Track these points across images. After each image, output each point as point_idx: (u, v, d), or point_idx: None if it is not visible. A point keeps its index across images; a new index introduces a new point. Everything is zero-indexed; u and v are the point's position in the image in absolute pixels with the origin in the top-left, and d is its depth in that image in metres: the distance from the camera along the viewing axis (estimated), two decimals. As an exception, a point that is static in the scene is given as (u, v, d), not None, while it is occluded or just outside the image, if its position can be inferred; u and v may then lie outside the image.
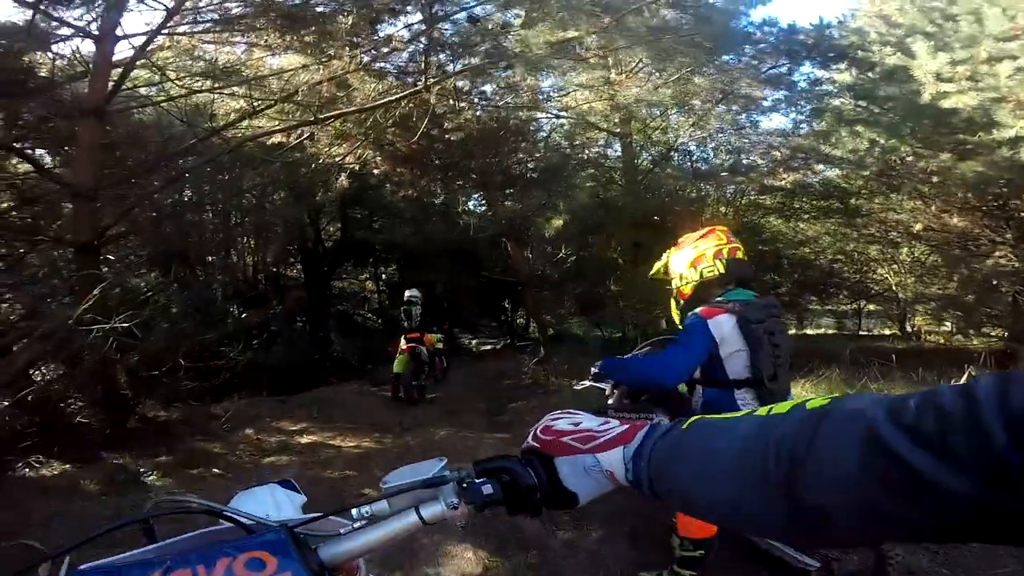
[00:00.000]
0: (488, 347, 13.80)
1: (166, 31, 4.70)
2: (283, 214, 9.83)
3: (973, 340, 9.60)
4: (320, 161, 7.57)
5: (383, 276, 14.77)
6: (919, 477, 0.33)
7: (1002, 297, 7.42)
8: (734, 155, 9.45)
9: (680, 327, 2.12)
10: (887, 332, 13.36)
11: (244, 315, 9.44)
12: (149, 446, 4.88)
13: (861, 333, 13.96)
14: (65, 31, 4.34)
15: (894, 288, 10.62)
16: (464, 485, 0.59)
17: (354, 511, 0.60)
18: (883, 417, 0.37)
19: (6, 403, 4.13)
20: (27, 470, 3.88)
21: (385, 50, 5.58)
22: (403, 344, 7.21)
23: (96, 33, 4.40)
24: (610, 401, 2.42)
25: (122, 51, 4.80)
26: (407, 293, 8.01)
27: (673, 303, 2.28)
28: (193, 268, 8.46)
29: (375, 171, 8.46)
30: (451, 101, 7.42)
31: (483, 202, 11.30)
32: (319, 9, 5.32)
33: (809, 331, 16.94)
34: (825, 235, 10.67)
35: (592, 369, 2.23)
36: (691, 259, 2.15)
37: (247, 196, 8.74)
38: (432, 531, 2.96)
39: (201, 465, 4.56)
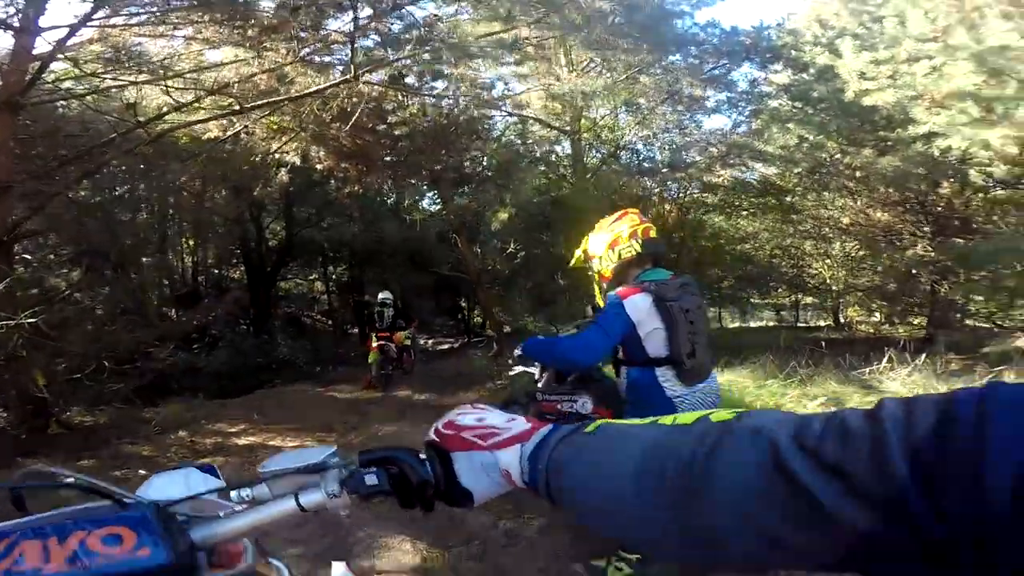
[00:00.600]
0: (446, 346, 13.67)
1: (94, 23, 4.43)
2: (222, 212, 9.43)
3: (899, 328, 10.26)
4: (257, 155, 7.31)
5: (332, 276, 14.42)
6: (818, 504, 0.32)
7: (922, 286, 7.93)
8: (676, 152, 9.75)
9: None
10: (822, 323, 14.09)
11: (182, 317, 9.04)
12: (72, 450, 4.65)
13: (799, 325, 14.66)
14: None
15: (827, 281, 11.21)
16: (348, 474, 0.57)
17: (233, 493, 0.60)
18: (786, 437, 0.35)
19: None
20: (-68, 475, 3.60)
21: (322, 44, 5.44)
22: (375, 342, 7.86)
23: (16, 25, 4.14)
24: (540, 384, 2.46)
25: (46, 45, 4.55)
26: (380, 295, 8.69)
27: (596, 288, 2.30)
28: (125, 268, 8.00)
29: (318, 166, 8.24)
30: (398, 96, 7.31)
31: (436, 200, 11.22)
32: (263, 4, 5.18)
33: (752, 324, 17.69)
34: (764, 231, 11.16)
35: (516, 351, 2.23)
36: (608, 241, 2.15)
37: (183, 193, 8.34)
38: (368, 523, 2.87)
39: (127, 467, 4.32)
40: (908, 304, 8.79)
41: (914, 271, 7.58)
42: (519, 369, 2.50)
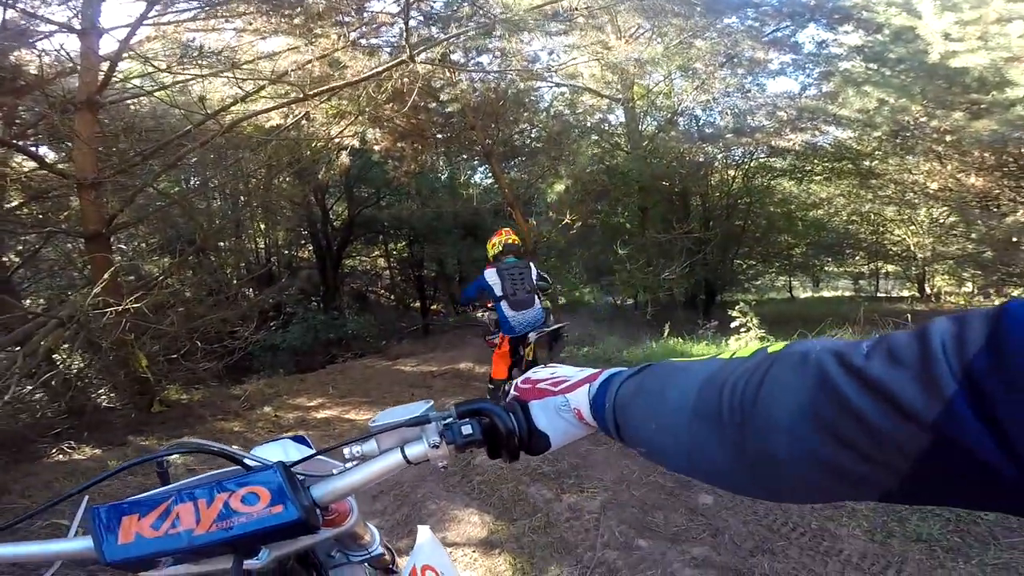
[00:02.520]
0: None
1: (149, 22, 4.68)
2: (289, 196, 9.90)
3: (994, 300, 9.36)
4: (319, 140, 7.56)
5: (394, 253, 14.86)
6: (866, 425, 0.31)
7: (1022, 254, 7.17)
8: (739, 118, 9.16)
9: None
10: (906, 294, 13.07)
11: (259, 297, 9.66)
12: (173, 428, 5.10)
13: (879, 295, 13.68)
14: (48, 27, 4.35)
15: (912, 248, 10.32)
16: (446, 426, 0.60)
17: (345, 451, 0.63)
18: (832, 359, 0.34)
19: (28, 388, 4.33)
20: (59, 455, 4.10)
21: (373, 26, 5.47)
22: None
23: (79, 28, 4.41)
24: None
25: (111, 45, 4.84)
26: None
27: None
28: (206, 253, 8.64)
29: (376, 148, 8.42)
30: (447, 73, 7.29)
31: (489, 174, 11.21)
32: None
33: (826, 293, 16.66)
34: (839, 196, 10.37)
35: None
36: (489, 243, 4.36)
37: (252, 180, 8.81)
38: (439, 496, 3.05)
39: (222, 443, 4.76)
40: (1006, 274, 7.97)
41: (1015, 238, 6.85)
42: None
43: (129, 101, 5.74)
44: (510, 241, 4.15)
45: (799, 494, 0.38)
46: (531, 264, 4.20)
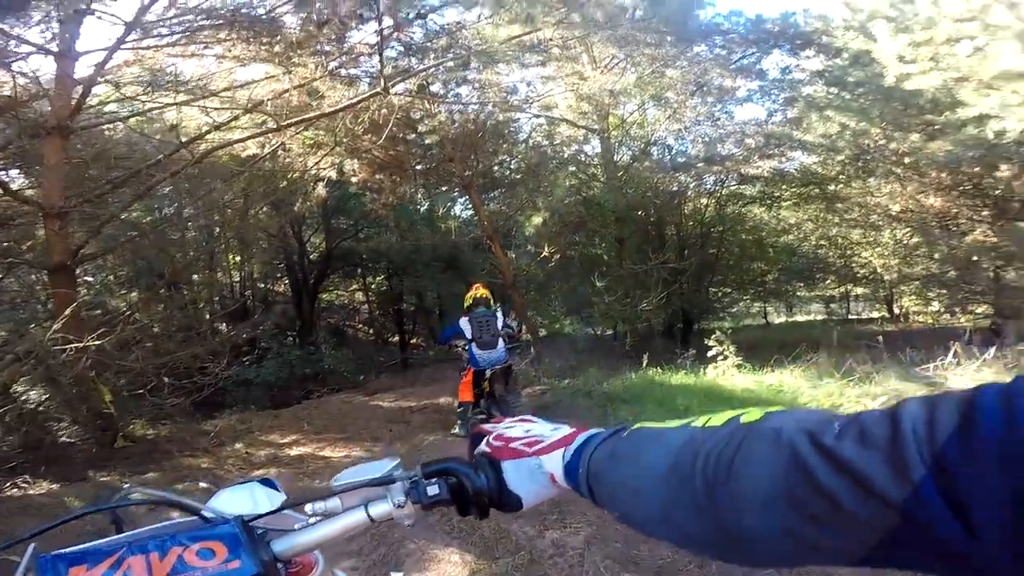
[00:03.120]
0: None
1: (127, 46, 4.67)
2: (265, 227, 9.79)
3: (961, 318, 9.67)
4: (296, 171, 7.55)
5: (372, 286, 14.73)
6: (837, 504, 0.32)
7: (984, 273, 7.46)
8: (710, 145, 9.52)
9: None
10: (875, 315, 13.44)
11: (232, 332, 9.41)
12: (136, 464, 4.86)
13: (850, 317, 14.04)
14: (25, 48, 4.30)
15: (879, 270, 10.68)
16: (412, 485, 0.60)
17: (308, 507, 0.63)
18: (804, 439, 0.35)
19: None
20: (14, 490, 3.89)
21: (347, 58, 5.57)
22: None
23: (55, 50, 4.37)
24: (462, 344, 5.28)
25: (87, 69, 4.79)
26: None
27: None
28: (178, 286, 8.42)
29: (353, 179, 8.44)
30: (425, 104, 7.42)
31: (468, 206, 11.32)
32: (286, 19, 5.33)
33: (799, 318, 17.04)
34: (808, 221, 10.75)
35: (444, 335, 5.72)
36: (465, 296, 5.38)
37: (227, 211, 8.70)
38: (418, 535, 2.93)
39: (189, 480, 4.52)
40: (970, 292, 8.27)
41: (975, 257, 7.14)
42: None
43: (103, 127, 5.66)
44: (480, 295, 5.25)
45: (769, 561, 0.40)
46: (498, 313, 5.23)
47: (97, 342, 4.23)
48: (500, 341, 5.02)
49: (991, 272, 7.28)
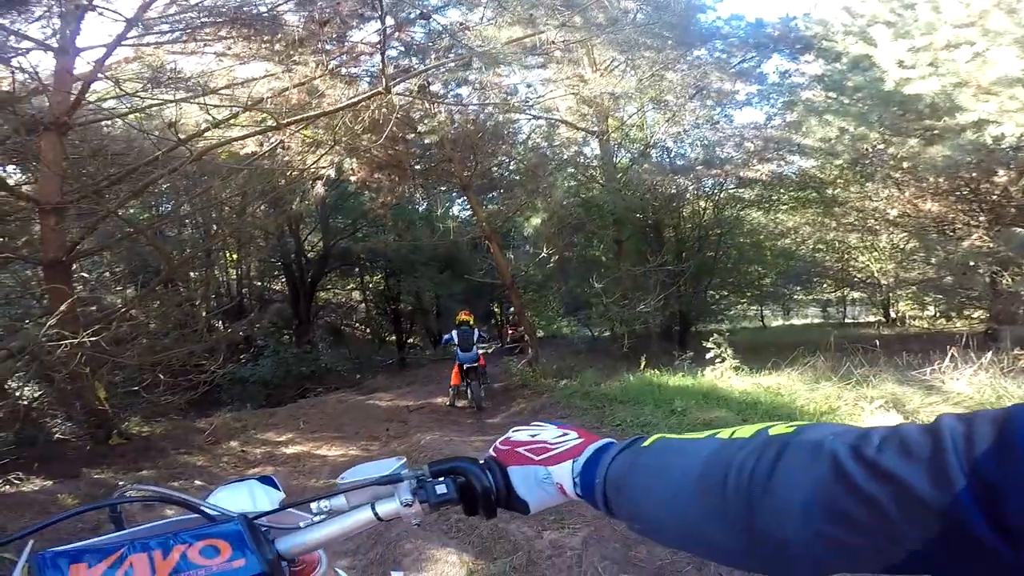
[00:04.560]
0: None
1: (128, 43, 4.64)
2: (262, 226, 9.75)
3: (956, 323, 9.71)
4: (294, 169, 7.53)
5: (369, 286, 14.70)
6: (881, 511, 0.33)
7: (980, 279, 7.48)
8: (709, 149, 9.54)
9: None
10: (872, 319, 13.47)
11: (229, 330, 9.38)
12: (131, 461, 4.85)
13: (847, 321, 14.07)
14: (25, 44, 4.27)
15: (876, 275, 10.71)
16: (419, 484, 0.60)
17: (313, 505, 0.62)
18: (845, 450, 0.36)
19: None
20: (7, 487, 3.86)
21: (348, 56, 5.55)
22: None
23: (56, 46, 4.34)
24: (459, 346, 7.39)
25: (87, 65, 4.75)
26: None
27: None
28: (174, 284, 8.38)
29: (352, 178, 8.41)
30: (425, 104, 7.40)
31: (466, 206, 11.31)
32: (287, 17, 5.32)
33: (796, 321, 17.08)
34: (805, 225, 10.77)
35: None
36: (456, 317, 7.72)
37: (225, 208, 8.67)
38: (415, 535, 2.91)
39: (183, 478, 4.50)
40: (966, 297, 8.30)
41: (971, 262, 7.17)
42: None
43: (101, 123, 5.62)
44: (464, 319, 7.58)
45: (799, 570, 0.40)
46: (475, 329, 7.55)
47: (92, 339, 4.21)
48: (475, 348, 7.38)
49: (987, 277, 7.30)
